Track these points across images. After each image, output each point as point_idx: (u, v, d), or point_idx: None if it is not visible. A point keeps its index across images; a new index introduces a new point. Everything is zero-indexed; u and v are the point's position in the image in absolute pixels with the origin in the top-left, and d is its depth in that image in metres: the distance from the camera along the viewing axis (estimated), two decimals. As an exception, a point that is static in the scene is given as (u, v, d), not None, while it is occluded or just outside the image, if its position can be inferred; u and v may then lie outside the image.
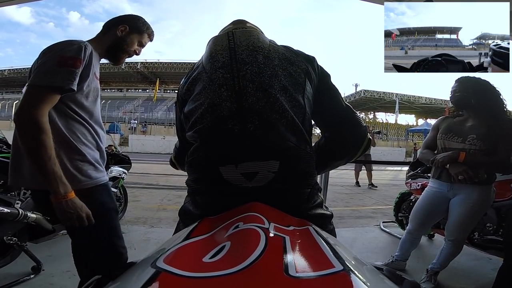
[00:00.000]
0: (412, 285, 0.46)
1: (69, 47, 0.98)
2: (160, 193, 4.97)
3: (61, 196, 0.92)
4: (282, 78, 0.69)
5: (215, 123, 0.66)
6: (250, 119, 0.64)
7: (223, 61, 0.69)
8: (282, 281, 0.33)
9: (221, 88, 0.67)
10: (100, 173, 1.11)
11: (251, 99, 0.65)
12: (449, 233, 1.93)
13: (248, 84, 0.66)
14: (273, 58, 0.71)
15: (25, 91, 0.93)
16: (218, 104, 0.66)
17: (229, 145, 0.65)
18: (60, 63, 0.94)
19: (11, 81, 29.40)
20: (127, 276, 0.42)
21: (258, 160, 0.64)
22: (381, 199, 5.43)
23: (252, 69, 0.68)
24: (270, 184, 0.64)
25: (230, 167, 0.64)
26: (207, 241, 0.46)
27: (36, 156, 0.89)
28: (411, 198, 2.87)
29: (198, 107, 0.68)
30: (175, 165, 1.03)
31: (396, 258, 2.21)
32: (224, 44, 0.72)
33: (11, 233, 1.78)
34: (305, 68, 0.73)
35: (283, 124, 0.65)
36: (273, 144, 0.65)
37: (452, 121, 1.95)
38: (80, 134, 1.06)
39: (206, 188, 0.68)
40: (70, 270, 1.96)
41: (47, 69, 0.94)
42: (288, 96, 0.68)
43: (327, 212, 0.73)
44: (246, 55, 0.70)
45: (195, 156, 0.69)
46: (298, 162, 0.67)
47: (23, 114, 0.90)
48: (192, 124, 0.70)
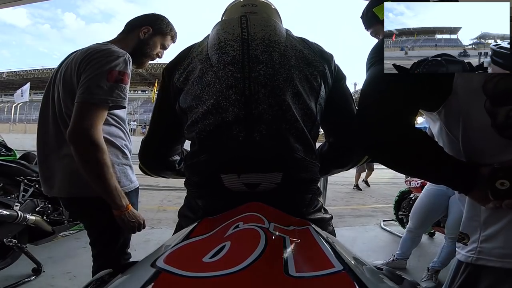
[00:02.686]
0: (412, 285, 0.46)
1: (116, 60, 0.95)
2: (160, 194, 4.97)
3: (124, 209, 0.98)
4: (297, 82, 0.62)
5: (218, 128, 0.60)
6: (257, 127, 0.59)
7: (234, 56, 0.62)
8: (282, 281, 0.33)
9: (229, 90, 0.60)
10: (135, 176, 1.16)
11: (261, 106, 0.59)
12: (449, 231, 1.94)
13: (260, 88, 0.60)
14: (289, 57, 0.64)
15: (79, 108, 0.91)
16: (224, 108, 0.60)
17: (232, 153, 0.60)
18: (111, 79, 0.93)
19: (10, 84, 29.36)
20: (127, 276, 0.42)
21: (261, 172, 0.59)
22: (381, 197, 5.43)
23: (266, 70, 0.61)
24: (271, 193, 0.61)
25: (232, 176, 0.60)
26: (207, 241, 0.46)
27: (99, 175, 0.91)
28: (411, 196, 2.87)
29: (200, 104, 0.62)
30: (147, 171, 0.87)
31: (397, 257, 2.22)
32: (236, 33, 0.63)
33: (11, 235, 1.78)
34: (322, 70, 0.67)
35: (292, 135, 0.60)
36: (279, 156, 0.60)
37: None
38: (120, 139, 1.10)
39: (206, 192, 0.64)
40: (70, 271, 1.97)
41: (99, 85, 0.91)
42: (301, 103, 0.62)
43: (327, 215, 0.71)
44: (260, 51, 0.62)
45: (195, 161, 0.64)
46: (302, 172, 0.63)
47: (82, 134, 0.89)
48: (191, 123, 0.64)
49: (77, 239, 2.34)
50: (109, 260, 1.11)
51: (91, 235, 1.15)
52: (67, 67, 1.02)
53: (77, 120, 0.89)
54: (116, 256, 1.12)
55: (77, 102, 0.92)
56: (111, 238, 1.11)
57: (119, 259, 1.13)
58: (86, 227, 1.17)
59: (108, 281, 0.46)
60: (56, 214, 2.04)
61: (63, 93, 1.01)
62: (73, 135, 0.89)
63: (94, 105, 0.91)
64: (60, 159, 1.04)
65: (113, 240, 1.11)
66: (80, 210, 1.12)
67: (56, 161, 1.05)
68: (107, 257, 1.12)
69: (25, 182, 2.00)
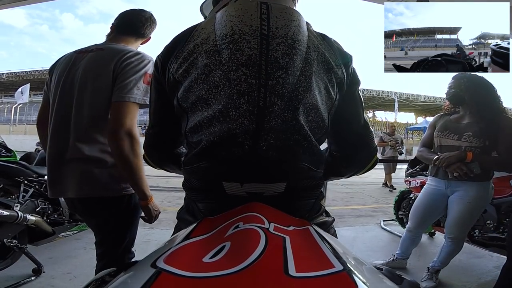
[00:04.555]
0: (411, 285, 0.46)
1: (148, 64, 1.07)
2: (160, 195, 4.96)
3: (150, 198, 1.10)
4: (316, 92, 0.57)
5: (223, 138, 0.54)
6: (265, 136, 0.54)
7: (250, 55, 0.53)
8: (282, 281, 0.33)
9: (240, 98, 0.53)
10: None
11: (275, 120, 0.54)
12: (448, 230, 1.93)
13: (277, 100, 0.53)
14: (312, 61, 0.57)
15: (120, 107, 1.01)
16: (233, 117, 0.53)
17: (236, 162, 0.55)
18: (146, 81, 1.05)
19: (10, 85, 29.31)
20: (127, 276, 0.42)
21: (265, 182, 0.56)
22: (381, 197, 5.43)
23: (285, 78, 0.53)
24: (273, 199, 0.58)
25: (234, 184, 0.56)
26: (207, 241, 0.46)
27: (135, 167, 1.02)
28: (411, 196, 2.87)
29: (205, 107, 0.56)
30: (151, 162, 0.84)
31: (397, 256, 2.22)
32: (254, 25, 0.54)
33: (11, 235, 1.79)
34: (341, 77, 0.61)
35: (302, 146, 0.57)
36: (284, 166, 0.56)
37: (449, 119, 1.95)
38: None
39: (206, 196, 0.61)
40: (70, 272, 1.97)
41: (137, 86, 1.03)
42: (317, 116, 0.58)
43: (329, 218, 0.69)
44: (281, 53, 0.54)
45: (196, 166, 0.59)
46: (308, 181, 0.60)
47: (127, 130, 0.99)
48: (194, 127, 0.58)
49: (78, 239, 2.35)
50: (114, 259, 1.14)
51: (98, 234, 1.17)
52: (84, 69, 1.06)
53: (120, 118, 0.99)
54: (121, 255, 1.16)
55: (119, 102, 1.01)
56: (118, 237, 1.15)
57: (123, 257, 1.16)
58: (93, 227, 1.19)
59: (109, 281, 0.46)
60: (56, 214, 2.05)
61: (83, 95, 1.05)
62: (118, 132, 0.99)
63: (134, 104, 1.03)
64: (67, 161, 1.06)
65: (120, 239, 1.15)
66: (89, 210, 1.15)
67: (64, 164, 1.07)
68: (112, 256, 1.15)
69: (25, 183, 2.00)
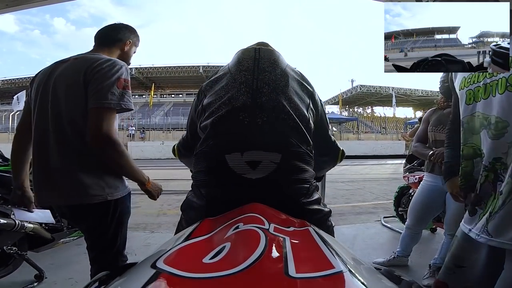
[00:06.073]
0: (410, 284, 0.46)
1: (121, 69, 1.09)
2: (160, 198, 4.89)
3: (147, 181, 1.18)
4: (292, 91, 0.79)
5: (228, 113, 0.74)
6: (260, 114, 0.73)
7: (247, 66, 0.81)
8: (282, 281, 0.34)
9: (241, 85, 0.77)
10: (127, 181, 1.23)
11: (265, 97, 0.75)
12: (447, 227, 1.91)
13: (265, 86, 0.77)
14: (288, 74, 0.82)
15: (96, 113, 1.02)
16: (235, 97, 0.75)
17: (237, 133, 0.73)
18: (120, 85, 1.07)
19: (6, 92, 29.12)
20: (127, 277, 0.42)
21: (263, 150, 0.71)
22: (381, 193, 5.44)
23: (270, 76, 0.79)
24: (271, 176, 0.70)
25: (235, 155, 0.71)
26: (207, 242, 0.46)
27: (123, 165, 1.09)
28: (410, 192, 2.85)
29: (218, 99, 0.77)
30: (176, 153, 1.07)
31: (398, 254, 2.19)
32: (250, 55, 0.84)
33: (11, 242, 1.79)
34: (311, 93, 0.85)
35: (288, 125, 0.74)
36: (277, 139, 0.73)
37: (442, 113, 1.94)
38: None
39: (210, 178, 0.74)
40: (72, 277, 1.97)
41: (111, 91, 1.04)
42: (296, 107, 0.77)
43: (325, 208, 0.78)
44: (267, 65, 0.81)
45: (204, 147, 0.76)
46: (298, 159, 0.74)
47: (105, 135, 1.01)
48: (208, 115, 0.77)
49: (78, 245, 2.34)
50: (107, 263, 1.15)
51: (88, 239, 1.18)
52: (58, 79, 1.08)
53: (98, 123, 1.01)
54: (113, 259, 1.16)
55: (94, 108, 1.02)
56: (108, 242, 1.15)
57: (116, 261, 1.17)
58: (83, 232, 1.20)
59: (106, 282, 0.46)
60: (54, 221, 2.04)
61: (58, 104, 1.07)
62: (97, 138, 1.01)
63: (110, 109, 1.04)
64: (52, 170, 1.07)
65: (110, 244, 1.16)
66: (77, 216, 1.15)
67: (49, 172, 1.08)
68: (104, 260, 1.16)
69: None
